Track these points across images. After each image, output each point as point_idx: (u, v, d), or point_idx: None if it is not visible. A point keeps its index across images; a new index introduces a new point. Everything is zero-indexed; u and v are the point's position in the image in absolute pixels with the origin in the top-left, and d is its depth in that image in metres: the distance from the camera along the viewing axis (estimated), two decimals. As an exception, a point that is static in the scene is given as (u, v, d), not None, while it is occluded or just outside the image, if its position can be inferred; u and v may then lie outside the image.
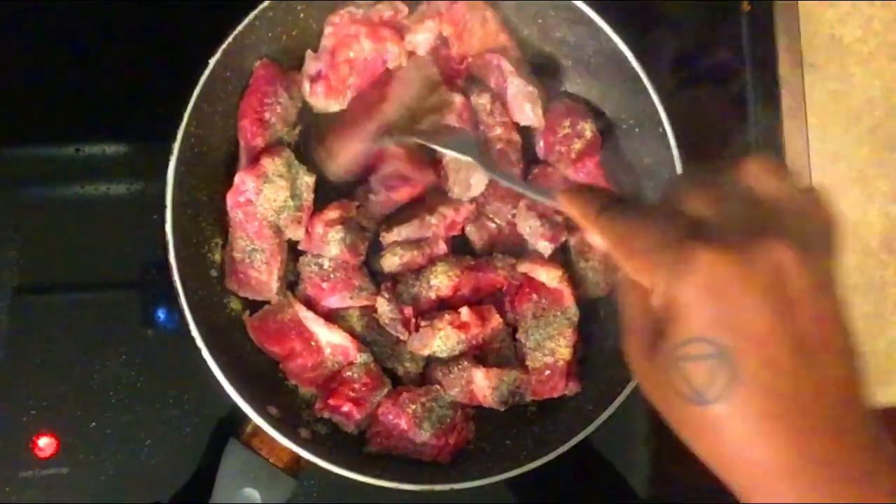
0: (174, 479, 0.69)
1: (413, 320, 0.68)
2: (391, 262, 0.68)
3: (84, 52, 0.73)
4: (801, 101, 0.83)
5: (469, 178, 0.70)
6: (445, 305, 0.69)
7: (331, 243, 0.66)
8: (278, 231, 0.66)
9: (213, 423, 0.70)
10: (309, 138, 0.70)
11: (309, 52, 0.69)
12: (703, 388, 0.34)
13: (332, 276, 0.67)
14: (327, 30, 0.68)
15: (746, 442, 0.34)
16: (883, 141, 0.86)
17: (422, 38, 0.70)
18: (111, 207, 0.72)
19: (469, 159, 0.65)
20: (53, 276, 0.70)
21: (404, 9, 0.69)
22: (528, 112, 0.71)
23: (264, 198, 0.64)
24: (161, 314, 0.71)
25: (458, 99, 0.70)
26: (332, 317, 0.68)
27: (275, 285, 0.66)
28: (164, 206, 0.60)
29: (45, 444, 0.68)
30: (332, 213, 0.67)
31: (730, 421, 0.34)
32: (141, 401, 0.70)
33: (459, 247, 0.72)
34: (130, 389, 0.69)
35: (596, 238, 0.41)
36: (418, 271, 0.69)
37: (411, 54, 0.70)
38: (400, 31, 0.69)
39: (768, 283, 0.34)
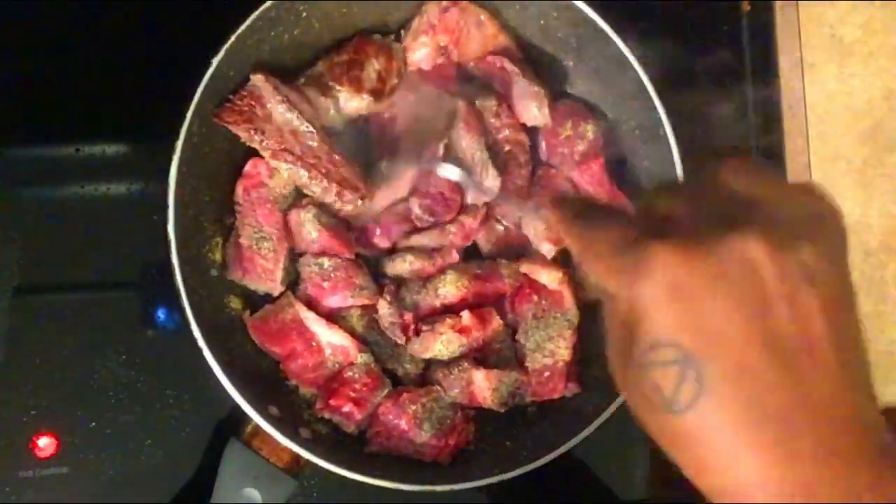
0: (174, 479, 0.69)
1: (412, 326, 0.68)
2: (401, 267, 0.68)
3: (85, 51, 0.73)
4: (801, 101, 0.83)
5: (483, 182, 0.70)
6: (447, 309, 0.69)
7: (306, 224, 0.66)
8: (284, 220, 0.67)
9: (214, 424, 0.70)
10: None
11: None
12: (672, 396, 0.31)
13: (332, 275, 0.67)
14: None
15: (725, 453, 0.31)
16: (883, 141, 0.86)
17: (421, 55, 0.70)
18: (111, 207, 0.72)
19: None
20: (53, 276, 0.70)
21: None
22: (534, 112, 0.71)
23: (275, 182, 0.67)
24: (161, 314, 0.71)
25: (461, 104, 0.70)
26: (333, 317, 0.68)
27: (280, 274, 0.67)
28: (166, 206, 0.60)
29: (45, 444, 0.68)
30: (303, 202, 0.67)
31: (704, 431, 0.31)
32: (141, 401, 0.70)
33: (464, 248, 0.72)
34: (130, 389, 0.69)
35: (569, 243, 0.38)
36: (426, 278, 0.69)
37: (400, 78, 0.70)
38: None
39: (737, 280, 0.30)
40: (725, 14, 0.83)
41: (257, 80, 0.64)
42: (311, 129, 0.64)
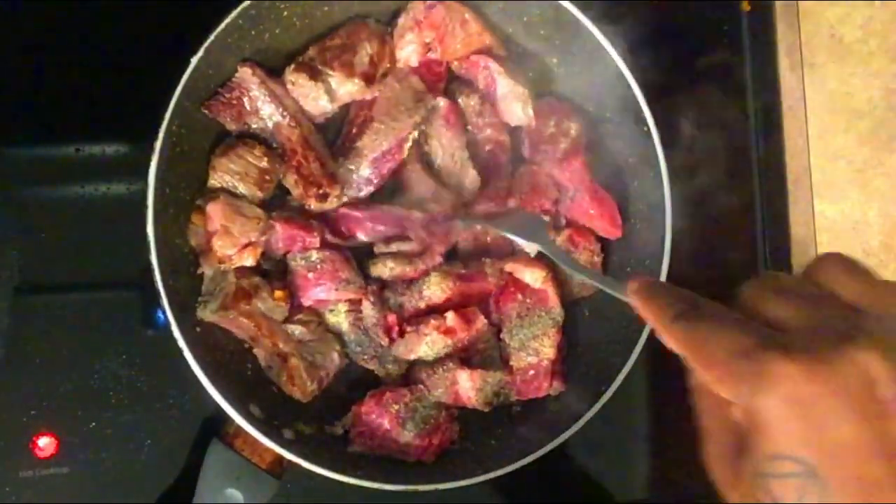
0: (173, 478, 0.69)
1: (396, 327, 0.68)
2: (381, 271, 0.68)
3: (85, 52, 0.73)
4: (801, 101, 0.83)
5: (463, 182, 0.70)
6: (432, 310, 0.69)
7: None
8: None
9: (211, 424, 0.70)
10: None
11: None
12: None
13: (318, 267, 0.67)
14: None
15: None
16: (883, 141, 0.86)
17: (409, 51, 0.70)
18: (111, 207, 0.72)
19: (536, 247, 0.66)
20: (53, 276, 0.70)
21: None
22: (518, 112, 0.71)
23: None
24: (161, 314, 0.71)
25: (443, 103, 0.70)
26: (321, 308, 0.68)
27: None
28: (145, 207, 0.60)
29: (45, 444, 0.68)
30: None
31: None
32: (141, 401, 0.70)
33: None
34: (130, 389, 0.70)
35: (671, 343, 0.39)
36: (410, 280, 0.69)
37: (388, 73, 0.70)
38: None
39: (856, 394, 0.32)
40: (725, 14, 0.83)
41: (244, 72, 0.64)
42: (292, 123, 0.65)
